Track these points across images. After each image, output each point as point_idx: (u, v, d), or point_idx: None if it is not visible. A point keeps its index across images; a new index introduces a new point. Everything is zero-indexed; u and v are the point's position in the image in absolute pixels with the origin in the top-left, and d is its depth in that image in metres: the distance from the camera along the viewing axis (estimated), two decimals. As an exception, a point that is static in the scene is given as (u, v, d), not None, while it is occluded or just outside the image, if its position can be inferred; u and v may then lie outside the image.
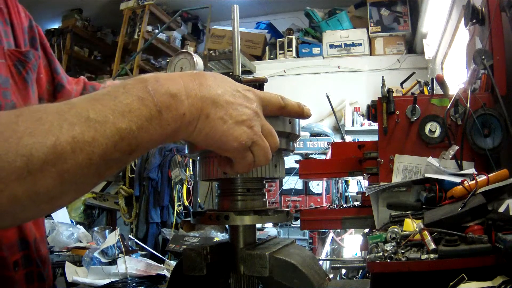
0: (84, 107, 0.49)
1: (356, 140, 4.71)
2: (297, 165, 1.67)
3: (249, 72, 5.74)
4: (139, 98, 0.52)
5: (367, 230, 1.45)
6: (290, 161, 2.68)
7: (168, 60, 0.96)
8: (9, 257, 0.75)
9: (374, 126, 2.31)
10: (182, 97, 0.55)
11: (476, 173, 1.22)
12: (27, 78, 0.84)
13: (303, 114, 0.72)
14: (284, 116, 0.73)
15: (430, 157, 1.37)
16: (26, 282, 0.79)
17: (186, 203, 4.53)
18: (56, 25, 7.38)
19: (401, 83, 1.93)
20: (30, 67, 0.85)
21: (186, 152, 0.78)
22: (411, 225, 1.07)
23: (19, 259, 0.78)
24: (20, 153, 0.43)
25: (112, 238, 2.61)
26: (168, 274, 2.33)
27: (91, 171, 0.48)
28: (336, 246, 4.26)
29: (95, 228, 3.44)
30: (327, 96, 2.42)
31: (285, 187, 4.55)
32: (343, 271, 2.23)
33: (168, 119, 0.54)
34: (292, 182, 4.48)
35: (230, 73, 0.78)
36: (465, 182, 1.14)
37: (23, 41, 0.88)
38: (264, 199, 0.81)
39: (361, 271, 1.73)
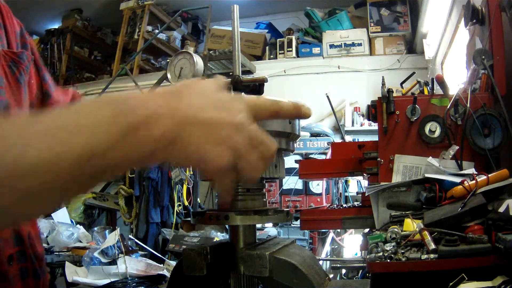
0: (52, 122, 0.48)
1: (356, 140, 4.71)
2: (297, 165, 1.67)
3: (249, 72, 5.73)
4: (112, 115, 0.49)
5: (367, 230, 1.45)
6: (290, 161, 2.68)
7: (168, 60, 0.96)
8: (3, 250, 0.75)
9: (374, 126, 2.31)
10: (157, 118, 0.51)
11: (476, 173, 1.22)
12: (20, 79, 0.85)
13: (300, 115, 0.68)
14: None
15: (430, 157, 1.37)
16: (21, 277, 0.79)
17: (186, 203, 4.53)
18: (56, 25, 7.38)
19: (401, 83, 1.93)
20: (24, 68, 0.86)
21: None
22: (411, 225, 1.07)
23: (14, 253, 0.78)
24: None
25: (112, 238, 2.62)
26: (168, 274, 2.33)
27: (55, 188, 0.47)
28: (336, 246, 4.26)
29: (95, 228, 3.45)
30: (327, 96, 2.42)
31: (285, 187, 4.55)
32: (343, 271, 2.23)
33: (141, 140, 0.50)
34: (292, 182, 4.48)
35: (230, 73, 0.78)
36: (465, 182, 1.14)
37: (16, 45, 0.88)
38: (264, 199, 0.82)
39: (361, 271, 1.73)
